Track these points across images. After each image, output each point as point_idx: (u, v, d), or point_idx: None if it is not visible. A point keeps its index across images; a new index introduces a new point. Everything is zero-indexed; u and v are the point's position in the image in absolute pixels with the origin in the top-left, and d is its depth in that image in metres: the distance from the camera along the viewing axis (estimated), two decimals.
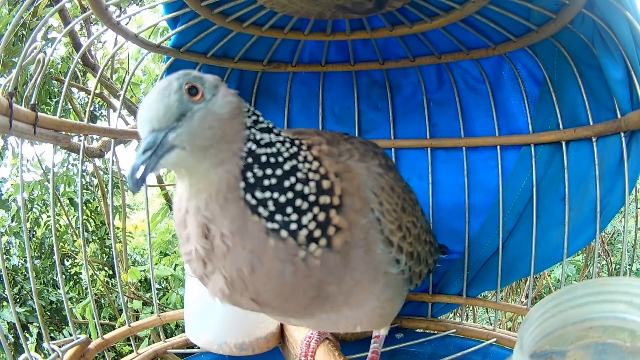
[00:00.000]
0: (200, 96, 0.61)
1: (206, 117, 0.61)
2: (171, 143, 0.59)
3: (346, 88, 1.39)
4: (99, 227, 3.21)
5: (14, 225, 3.11)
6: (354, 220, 0.70)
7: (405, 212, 0.80)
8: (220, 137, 0.62)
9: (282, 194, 0.64)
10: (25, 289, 2.90)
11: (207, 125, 0.61)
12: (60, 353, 0.99)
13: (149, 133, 0.59)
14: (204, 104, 0.61)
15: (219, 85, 0.65)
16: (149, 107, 0.60)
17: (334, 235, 0.67)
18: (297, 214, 0.65)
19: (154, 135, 0.59)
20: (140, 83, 3.10)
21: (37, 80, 0.94)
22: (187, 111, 0.60)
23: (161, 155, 0.58)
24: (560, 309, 0.54)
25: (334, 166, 0.72)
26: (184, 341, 1.27)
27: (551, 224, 1.17)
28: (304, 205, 0.65)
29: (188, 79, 0.61)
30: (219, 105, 0.63)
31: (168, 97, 0.60)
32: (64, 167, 3.22)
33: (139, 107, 0.62)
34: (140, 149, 0.59)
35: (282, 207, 0.64)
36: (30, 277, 1.01)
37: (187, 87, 0.61)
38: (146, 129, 0.60)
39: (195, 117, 0.60)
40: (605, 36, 0.93)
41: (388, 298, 0.81)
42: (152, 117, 0.59)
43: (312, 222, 0.65)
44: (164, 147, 0.58)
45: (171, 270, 2.45)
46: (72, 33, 2.32)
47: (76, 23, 1.86)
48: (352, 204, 0.71)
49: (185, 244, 0.67)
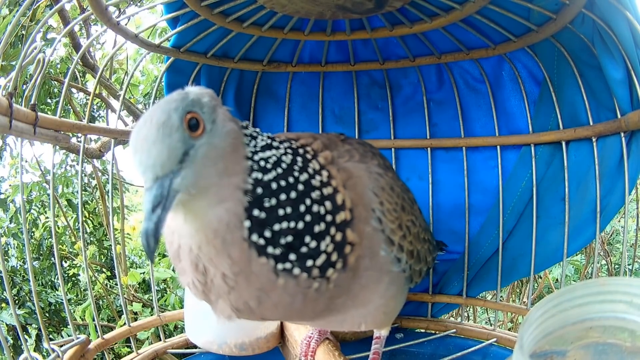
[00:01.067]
0: (201, 130, 0.56)
1: (209, 154, 0.56)
2: (176, 189, 0.53)
3: (346, 88, 1.39)
4: (97, 228, 3.21)
5: (12, 227, 3.11)
6: (362, 231, 0.69)
7: (404, 211, 0.81)
8: (222, 171, 0.57)
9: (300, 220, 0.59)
10: (24, 290, 2.89)
11: (210, 163, 0.56)
12: (60, 353, 0.99)
13: (153, 182, 0.53)
14: (205, 138, 0.56)
15: (216, 106, 0.60)
16: (148, 149, 0.53)
17: (349, 253, 0.65)
18: (315, 241, 0.61)
19: (159, 184, 0.53)
20: (138, 84, 3.10)
21: (37, 81, 0.94)
22: (190, 149, 0.54)
23: (169, 207, 0.53)
24: (560, 309, 0.54)
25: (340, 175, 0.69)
26: (184, 341, 1.26)
27: (551, 224, 1.17)
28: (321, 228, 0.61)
29: (187, 108, 0.55)
30: (220, 137, 0.57)
31: (169, 136, 0.53)
32: (62, 168, 3.22)
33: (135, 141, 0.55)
34: (147, 204, 0.52)
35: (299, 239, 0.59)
36: (30, 278, 1.01)
37: (188, 119, 0.55)
38: (149, 176, 0.53)
39: (199, 156, 0.55)
40: (605, 36, 0.93)
41: (391, 295, 0.81)
42: (154, 163, 0.53)
43: (330, 245, 0.62)
44: (170, 196, 0.53)
45: (170, 272, 2.45)
46: (71, 33, 2.32)
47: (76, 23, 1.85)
48: (360, 215, 0.69)
49: (182, 275, 0.64)
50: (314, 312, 0.68)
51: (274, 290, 0.60)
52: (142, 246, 0.52)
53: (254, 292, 0.60)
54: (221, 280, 0.59)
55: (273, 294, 0.60)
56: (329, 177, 0.67)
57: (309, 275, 0.61)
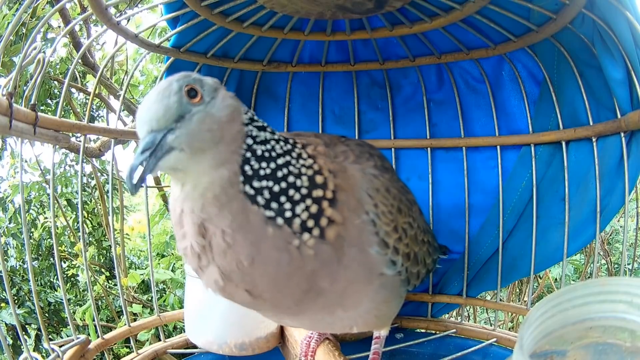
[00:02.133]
0: (199, 98, 0.62)
1: (205, 120, 0.61)
2: (170, 144, 0.59)
3: (346, 88, 1.39)
4: (96, 228, 3.21)
5: (11, 227, 3.11)
6: (348, 217, 0.71)
7: (401, 213, 0.80)
8: (218, 139, 0.63)
9: (276, 183, 0.66)
10: (23, 290, 2.89)
11: (205, 128, 0.61)
12: (60, 353, 0.99)
13: (148, 133, 0.59)
14: (202, 106, 0.62)
15: (219, 88, 0.66)
16: (148, 107, 0.60)
17: (326, 226, 0.68)
18: (290, 203, 0.66)
19: (153, 135, 0.59)
20: (138, 84, 3.10)
21: (37, 80, 0.94)
22: (186, 113, 0.61)
23: (160, 157, 0.59)
24: (560, 309, 0.54)
25: (329, 164, 0.72)
26: (184, 341, 1.26)
27: (551, 224, 1.17)
28: (296, 196, 0.66)
29: (188, 80, 0.62)
30: (218, 108, 0.63)
31: (168, 98, 0.60)
32: (61, 168, 3.22)
33: (138, 108, 0.62)
34: (138, 149, 0.59)
35: (277, 196, 0.65)
36: (30, 278, 1.01)
37: (187, 89, 0.61)
38: (145, 129, 0.60)
39: (194, 120, 0.61)
40: (605, 36, 0.93)
41: (383, 299, 0.81)
42: (151, 118, 0.60)
43: (304, 212, 0.66)
44: (162, 148, 0.59)
45: (171, 274, 2.45)
46: (72, 33, 2.32)
47: (76, 23, 1.85)
48: (347, 201, 0.71)
49: (182, 241, 0.68)
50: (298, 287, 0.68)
51: (264, 241, 0.64)
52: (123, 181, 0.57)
53: (248, 248, 0.64)
54: (220, 238, 0.63)
55: (263, 246, 0.64)
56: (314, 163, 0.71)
57: (290, 227, 0.65)
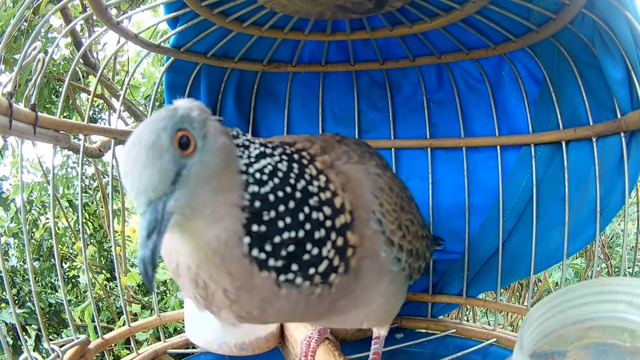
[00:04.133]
0: (192, 148, 0.53)
1: (202, 173, 0.54)
2: (170, 212, 0.52)
3: (346, 88, 1.39)
4: (97, 230, 3.21)
5: (12, 227, 3.11)
6: (363, 233, 0.69)
7: (403, 210, 0.80)
8: (217, 189, 0.56)
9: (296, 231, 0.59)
10: (23, 290, 2.89)
11: (204, 182, 0.54)
12: (60, 353, 0.99)
13: (147, 206, 0.51)
14: (197, 156, 0.54)
15: (206, 119, 0.57)
16: (139, 173, 0.51)
17: (351, 256, 0.65)
18: (317, 248, 0.60)
19: (153, 208, 0.51)
20: (139, 86, 3.10)
21: (38, 80, 0.94)
22: (182, 169, 0.53)
23: (164, 231, 0.52)
24: (560, 309, 0.54)
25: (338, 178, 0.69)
26: (184, 341, 1.26)
27: (551, 224, 1.17)
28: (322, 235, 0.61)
29: (177, 126, 0.53)
30: (212, 153, 0.55)
31: (160, 158, 0.51)
32: (63, 169, 3.21)
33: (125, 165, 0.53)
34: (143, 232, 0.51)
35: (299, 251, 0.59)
36: (30, 278, 1.01)
37: (178, 137, 0.53)
38: (142, 201, 0.52)
39: (192, 176, 0.53)
40: (605, 36, 0.93)
41: (392, 294, 0.81)
42: (146, 187, 0.51)
43: (331, 251, 0.62)
44: (165, 220, 0.52)
45: (170, 274, 2.44)
46: (73, 32, 2.32)
47: (76, 23, 1.85)
48: (360, 216, 0.69)
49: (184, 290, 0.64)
50: (316, 315, 0.69)
51: (277, 300, 0.60)
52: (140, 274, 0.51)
53: (257, 303, 0.60)
54: (222, 295, 0.59)
55: (276, 303, 0.61)
56: (327, 181, 0.66)
57: (311, 283, 0.61)
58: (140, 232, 0.51)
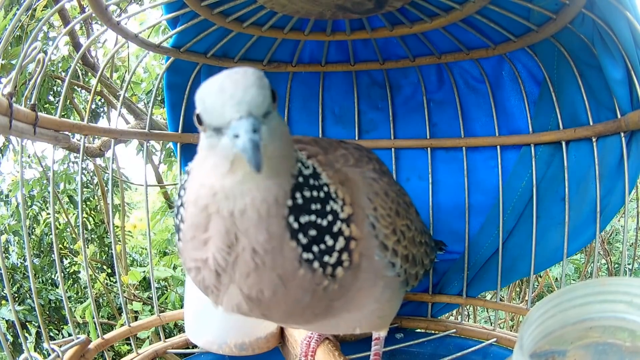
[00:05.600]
0: (275, 105, 0.58)
1: (278, 128, 0.58)
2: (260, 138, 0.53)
3: (346, 88, 1.39)
4: (98, 225, 3.21)
5: (13, 224, 3.10)
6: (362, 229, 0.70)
7: (399, 216, 0.80)
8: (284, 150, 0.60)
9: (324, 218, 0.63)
10: (24, 287, 2.89)
11: (278, 135, 0.58)
12: (60, 353, 0.99)
13: (248, 115, 0.53)
14: (277, 113, 0.59)
15: None
16: (245, 88, 0.54)
17: (354, 249, 0.66)
18: (332, 240, 0.63)
19: (254, 118, 0.53)
20: (141, 82, 3.09)
21: (37, 80, 0.94)
22: (269, 114, 0.56)
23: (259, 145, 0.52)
24: (560, 309, 0.54)
25: (335, 175, 0.71)
26: (184, 341, 1.26)
27: (551, 224, 1.17)
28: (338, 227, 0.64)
29: (269, 82, 0.58)
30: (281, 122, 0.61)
31: (264, 88, 0.55)
32: (64, 164, 3.21)
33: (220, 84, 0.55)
34: (248, 127, 0.52)
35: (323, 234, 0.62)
36: (29, 275, 1.01)
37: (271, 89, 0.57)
38: (244, 108, 0.53)
39: (274, 123, 0.57)
40: (605, 36, 0.93)
41: (386, 300, 0.81)
42: (251, 101, 0.53)
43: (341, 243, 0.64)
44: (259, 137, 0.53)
45: (171, 271, 2.45)
46: (71, 33, 2.31)
47: (76, 23, 1.85)
48: (358, 213, 0.70)
49: (200, 249, 0.62)
50: (313, 314, 0.69)
51: (293, 280, 0.62)
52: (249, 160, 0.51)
53: (274, 279, 0.61)
54: (250, 255, 0.60)
55: (290, 284, 0.62)
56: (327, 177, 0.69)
57: (324, 271, 0.63)
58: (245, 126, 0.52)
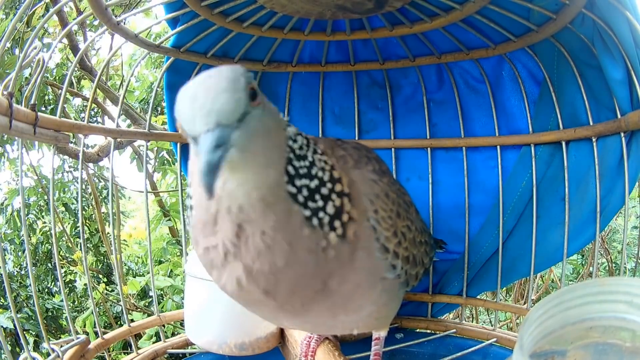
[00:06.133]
0: (257, 102, 0.58)
1: (261, 125, 0.59)
2: (231, 144, 0.54)
3: (346, 88, 1.39)
4: (93, 234, 3.19)
5: (9, 232, 3.10)
6: (360, 218, 0.71)
7: (400, 217, 0.80)
8: (269, 145, 0.61)
9: (311, 180, 0.66)
10: (21, 296, 2.88)
11: (261, 133, 0.59)
12: (60, 353, 0.99)
13: (216, 126, 0.53)
14: (259, 110, 0.59)
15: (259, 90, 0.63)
16: (215, 96, 0.54)
17: (347, 223, 0.68)
18: (322, 201, 0.66)
19: (221, 129, 0.53)
20: (133, 90, 3.10)
21: (37, 81, 0.94)
22: (247, 114, 0.56)
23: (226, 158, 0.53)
24: (560, 309, 0.54)
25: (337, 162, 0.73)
26: (184, 341, 1.26)
27: (551, 224, 1.17)
28: (325, 192, 0.67)
29: (249, 79, 0.58)
30: (270, 115, 0.62)
31: (237, 92, 0.55)
32: (59, 174, 3.21)
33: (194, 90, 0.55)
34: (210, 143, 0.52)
35: (313, 193, 0.66)
36: (31, 281, 1.01)
37: (249, 87, 0.57)
38: (212, 119, 0.53)
39: (253, 123, 0.57)
40: (605, 36, 0.93)
41: (385, 302, 0.81)
42: (219, 110, 0.53)
43: (332, 208, 0.67)
44: (227, 148, 0.53)
45: (170, 280, 2.46)
46: (69, 35, 2.31)
47: (74, 24, 1.85)
48: (358, 200, 0.72)
49: (211, 237, 0.66)
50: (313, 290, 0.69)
51: (300, 242, 0.64)
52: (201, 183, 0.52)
53: (286, 249, 0.64)
54: (259, 238, 0.63)
55: (298, 247, 0.64)
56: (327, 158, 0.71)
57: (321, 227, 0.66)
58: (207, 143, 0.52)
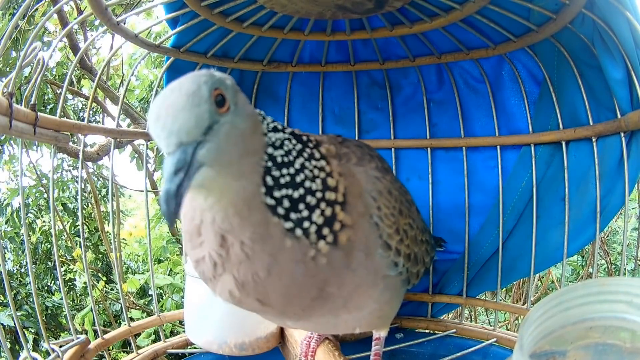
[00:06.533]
0: (226, 108, 0.57)
1: (232, 132, 0.57)
2: (200, 161, 0.54)
3: (346, 88, 1.39)
4: (93, 233, 3.19)
5: (9, 230, 3.10)
6: (357, 221, 0.70)
7: (402, 214, 0.81)
8: (243, 152, 0.60)
9: (295, 190, 0.65)
10: (20, 294, 2.88)
11: (232, 142, 0.57)
12: (60, 353, 0.99)
13: (177, 147, 0.53)
14: (229, 116, 0.57)
15: (237, 91, 0.61)
16: (175, 115, 0.53)
17: (339, 231, 0.67)
18: (307, 211, 0.65)
19: (182, 150, 0.53)
20: (133, 89, 3.10)
21: (38, 80, 0.94)
22: (215, 124, 0.55)
23: (192, 176, 0.53)
24: (560, 309, 0.54)
25: (338, 167, 0.72)
26: (184, 341, 1.26)
27: (551, 224, 1.17)
28: (312, 201, 0.66)
29: (215, 84, 0.56)
30: (242, 119, 0.59)
31: (198, 106, 0.54)
32: (57, 173, 3.21)
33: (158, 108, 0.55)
34: (169, 168, 0.52)
35: (296, 204, 0.65)
36: (30, 279, 1.01)
37: (215, 94, 0.56)
38: (173, 141, 0.53)
39: (222, 132, 0.56)
40: (605, 36, 0.93)
41: (386, 300, 0.81)
42: (180, 129, 0.53)
43: (320, 218, 0.66)
44: (194, 166, 0.53)
45: (170, 279, 2.46)
46: (69, 35, 2.32)
47: (75, 24, 1.85)
48: (355, 205, 0.71)
49: (197, 249, 0.67)
50: (308, 295, 0.69)
51: (283, 253, 0.64)
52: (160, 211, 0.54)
53: (266, 260, 0.63)
54: (239, 249, 0.63)
55: (281, 258, 0.64)
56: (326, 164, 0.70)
57: (307, 238, 0.65)
58: (167, 169, 0.53)
